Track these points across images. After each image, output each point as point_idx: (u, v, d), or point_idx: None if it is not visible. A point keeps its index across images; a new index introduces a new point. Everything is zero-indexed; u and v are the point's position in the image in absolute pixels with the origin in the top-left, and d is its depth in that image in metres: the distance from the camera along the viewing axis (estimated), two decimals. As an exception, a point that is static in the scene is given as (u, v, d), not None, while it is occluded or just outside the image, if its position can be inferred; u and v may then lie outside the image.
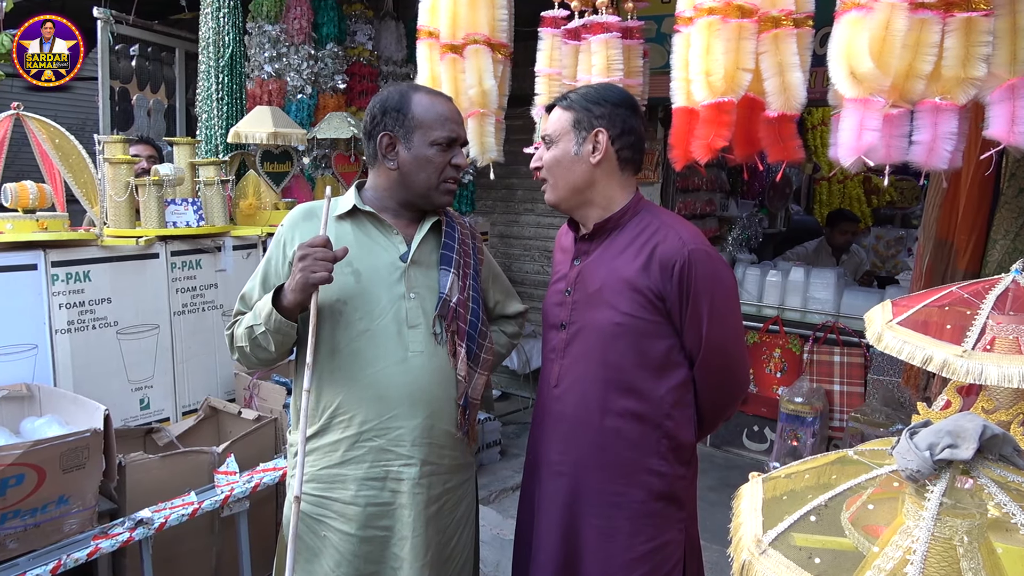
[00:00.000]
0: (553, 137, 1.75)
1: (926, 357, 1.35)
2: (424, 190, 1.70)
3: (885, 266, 5.75)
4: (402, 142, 1.68)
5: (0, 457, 1.94)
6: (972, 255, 2.64)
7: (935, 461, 0.92)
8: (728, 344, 1.72)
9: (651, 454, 1.71)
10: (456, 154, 1.71)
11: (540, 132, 1.81)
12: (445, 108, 1.70)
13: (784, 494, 1.11)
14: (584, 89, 1.79)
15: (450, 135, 1.68)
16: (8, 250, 2.47)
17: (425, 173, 1.68)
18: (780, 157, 1.88)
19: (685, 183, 5.19)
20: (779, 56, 1.79)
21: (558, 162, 1.74)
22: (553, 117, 1.76)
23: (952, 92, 1.61)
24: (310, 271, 1.53)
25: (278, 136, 3.36)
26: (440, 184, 1.70)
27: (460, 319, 1.70)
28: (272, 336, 1.63)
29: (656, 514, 1.72)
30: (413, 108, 1.67)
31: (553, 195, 1.79)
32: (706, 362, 1.69)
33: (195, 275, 2.99)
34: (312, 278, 1.53)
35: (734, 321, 1.75)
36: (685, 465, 1.76)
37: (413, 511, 1.67)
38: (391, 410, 1.65)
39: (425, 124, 1.67)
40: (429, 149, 1.67)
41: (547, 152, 1.76)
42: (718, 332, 1.67)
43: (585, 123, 1.72)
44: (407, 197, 1.72)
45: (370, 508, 1.67)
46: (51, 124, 2.66)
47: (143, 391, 2.85)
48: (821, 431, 3.97)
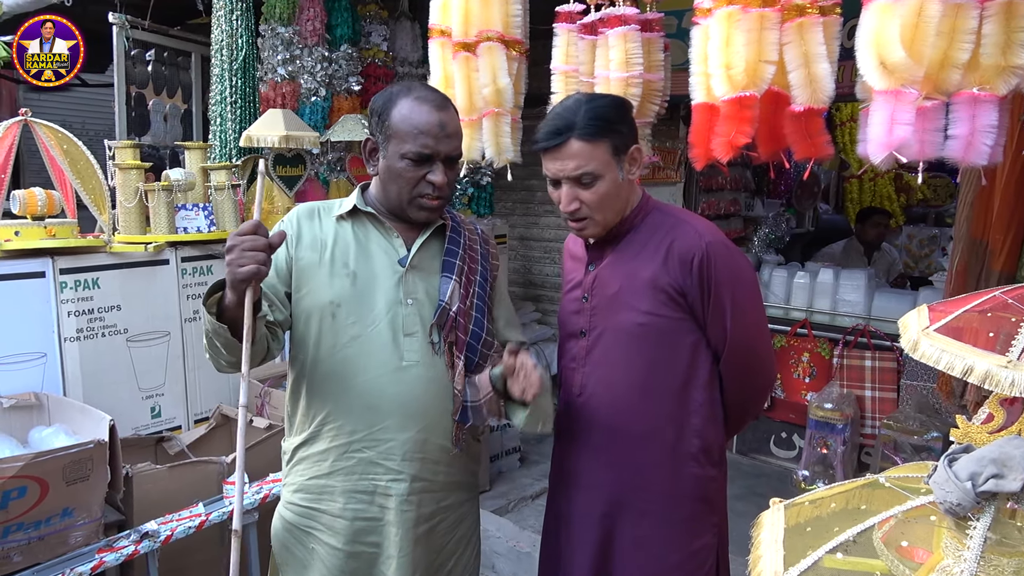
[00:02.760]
0: (596, 173, 1.59)
1: (967, 367, 1.24)
2: (397, 202, 1.60)
3: (918, 266, 5.58)
4: (381, 149, 1.59)
5: (2, 470, 1.91)
6: (1008, 255, 2.52)
7: (978, 493, 0.82)
8: (753, 336, 1.69)
9: (683, 456, 1.67)
10: (432, 170, 1.56)
11: (557, 172, 1.62)
12: (425, 120, 1.54)
13: (808, 523, 1.01)
14: (586, 110, 1.60)
15: (421, 151, 1.54)
16: (16, 257, 2.46)
17: (396, 186, 1.58)
18: (807, 154, 1.78)
19: (709, 183, 5.08)
20: (804, 47, 1.69)
21: (607, 196, 1.62)
22: (580, 152, 1.58)
23: (991, 82, 1.51)
24: (236, 265, 1.37)
25: (290, 139, 3.32)
26: (413, 199, 1.58)
27: (460, 329, 1.61)
28: (215, 339, 1.49)
29: (689, 519, 1.68)
30: (392, 115, 1.55)
31: (598, 229, 1.68)
32: (732, 356, 1.66)
33: (206, 281, 2.95)
34: (239, 273, 1.36)
35: (757, 313, 1.72)
36: (716, 466, 1.72)
37: (400, 529, 1.59)
38: (382, 421, 1.57)
39: (399, 135, 1.54)
40: (400, 162, 1.55)
41: (587, 192, 1.60)
42: (741, 324, 1.64)
43: (622, 146, 1.62)
44: (387, 204, 1.64)
45: (358, 522, 1.60)
46: (59, 130, 2.64)
47: (154, 399, 2.82)
48: (852, 438, 3.83)
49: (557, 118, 1.62)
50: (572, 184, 1.61)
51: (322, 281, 1.59)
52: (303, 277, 1.60)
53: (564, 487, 1.80)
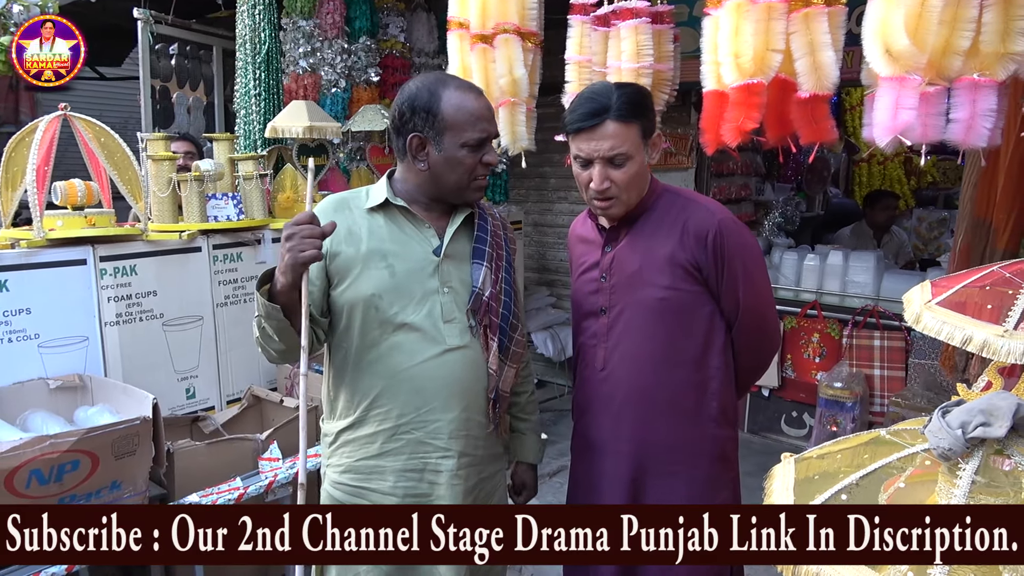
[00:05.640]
0: (628, 154, 1.68)
1: (965, 337, 1.33)
2: (455, 189, 1.67)
3: (927, 248, 5.62)
4: (432, 143, 1.62)
5: (57, 444, 2.02)
6: (1012, 234, 2.59)
7: (967, 439, 0.92)
8: (762, 303, 1.82)
9: (706, 420, 1.80)
10: (487, 152, 1.66)
11: (592, 152, 1.69)
12: (475, 106, 1.63)
13: (816, 474, 1.11)
14: (619, 95, 1.68)
15: (481, 135, 1.62)
16: (59, 246, 2.56)
17: (456, 175, 1.64)
18: (813, 138, 1.87)
19: (720, 168, 5.14)
20: (810, 35, 1.77)
21: (635, 177, 1.72)
22: (616, 133, 1.67)
23: (991, 68, 1.59)
24: (298, 250, 1.48)
25: (313, 130, 3.41)
26: (471, 183, 1.67)
27: (492, 312, 1.69)
28: (267, 323, 1.59)
29: (711, 478, 1.81)
30: (443, 108, 1.60)
31: (622, 208, 1.77)
32: (744, 323, 1.79)
33: (236, 267, 3.05)
34: (300, 257, 1.48)
35: (765, 282, 1.87)
36: (732, 426, 1.86)
37: (451, 502, 1.69)
38: (428, 403, 1.65)
39: (456, 125, 1.60)
40: (460, 151, 1.62)
41: (619, 172, 1.69)
42: (752, 292, 1.77)
43: (649, 130, 1.73)
44: (438, 194, 1.70)
45: (408, 499, 1.68)
46: (96, 123, 2.74)
47: (188, 381, 2.93)
48: (861, 416, 3.91)
49: (590, 101, 1.69)
50: (604, 164, 1.70)
51: (361, 275, 1.64)
52: (341, 271, 1.65)
53: (589, 456, 1.90)
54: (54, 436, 2.01)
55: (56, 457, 2.01)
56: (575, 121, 1.71)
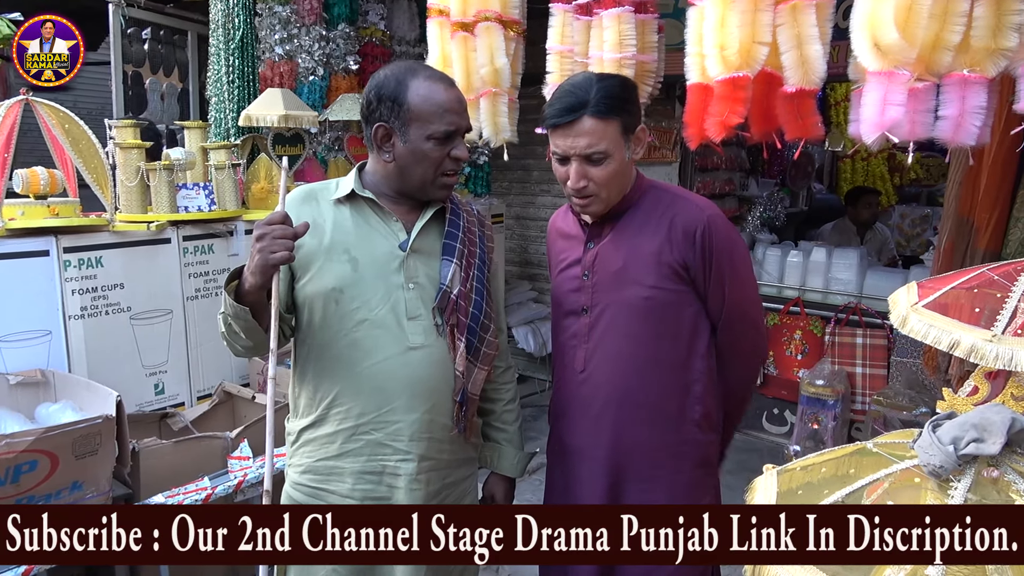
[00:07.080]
0: (607, 151, 1.61)
1: (953, 341, 1.29)
2: (420, 184, 1.61)
3: (910, 245, 5.63)
4: (398, 134, 1.56)
5: (13, 444, 1.95)
6: (993, 233, 2.57)
7: (959, 456, 0.87)
8: (748, 304, 1.77)
9: (688, 424, 1.74)
10: (456, 146, 1.59)
11: (568, 149, 1.63)
12: (444, 97, 1.56)
13: (800, 487, 1.07)
14: (598, 88, 1.62)
15: (448, 128, 1.55)
16: (20, 236, 2.47)
17: (422, 168, 1.58)
18: (798, 134, 1.82)
19: (704, 162, 5.11)
20: (797, 28, 1.72)
21: (614, 174, 1.65)
22: (593, 130, 1.60)
23: (981, 64, 1.54)
24: (268, 251, 1.42)
25: (289, 119, 3.33)
26: (437, 179, 1.60)
27: (460, 312, 1.63)
28: (234, 322, 1.53)
29: (694, 483, 1.76)
30: (410, 98, 1.53)
31: (602, 206, 1.71)
32: (729, 324, 1.73)
33: (207, 260, 2.98)
34: (271, 259, 1.42)
35: (751, 282, 1.82)
36: (714, 431, 1.80)
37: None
38: (390, 403, 1.59)
39: (422, 116, 1.54)
40: (426, 143, 1.55)
41: (596, 169, 1.63)
42: (739, 292, 1.72)
43: (630, 126, 1.66)
44: (403, 188, 1.64)
45: (367, 501, 1.63)
46: (60, 109, 2.64)
47: (157, 376, 2.86)
48: (843, 414, 3.90)
49: (568, 95, 1.62)
50: (582, 161, 1.63)
51: (323, 267, 1.59)
52: (304, 264, 1.60)
53: (566, 461, 1.84)
54: (10, 436, 1.94)
55: (12, 457, 1.94)
56: (552, 116, 1.64)
